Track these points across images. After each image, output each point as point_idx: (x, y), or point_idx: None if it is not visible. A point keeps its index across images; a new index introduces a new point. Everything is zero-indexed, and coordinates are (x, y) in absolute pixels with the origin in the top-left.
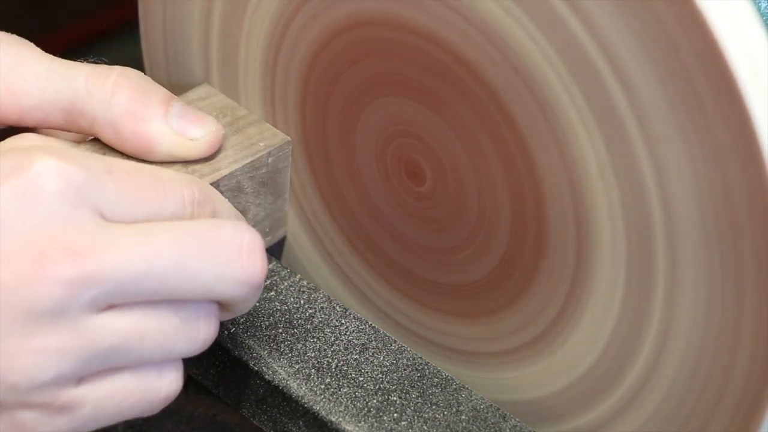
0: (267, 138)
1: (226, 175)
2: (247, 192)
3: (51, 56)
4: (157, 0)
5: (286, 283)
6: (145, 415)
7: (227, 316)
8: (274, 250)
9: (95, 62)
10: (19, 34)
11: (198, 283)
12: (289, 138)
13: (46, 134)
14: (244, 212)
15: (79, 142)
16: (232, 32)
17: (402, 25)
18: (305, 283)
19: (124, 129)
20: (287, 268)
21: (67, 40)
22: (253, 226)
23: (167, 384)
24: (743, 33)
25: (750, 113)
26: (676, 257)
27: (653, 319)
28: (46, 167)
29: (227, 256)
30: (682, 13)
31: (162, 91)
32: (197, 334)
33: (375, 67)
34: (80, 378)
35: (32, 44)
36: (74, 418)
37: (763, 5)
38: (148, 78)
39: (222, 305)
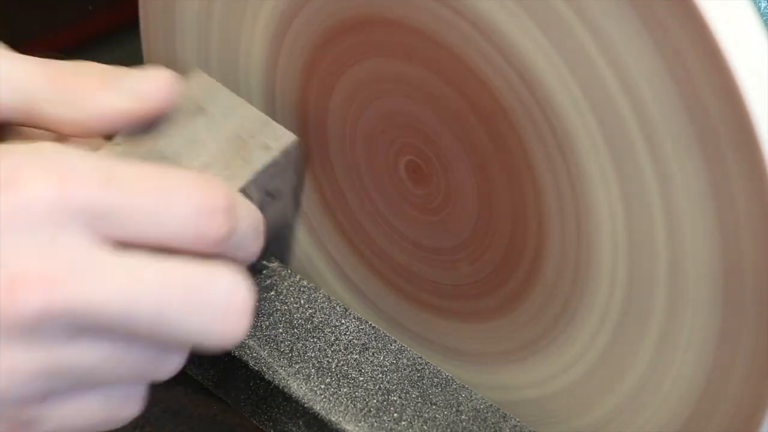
0: (279, 137)
1: (245, 183)
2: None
3: (11, 53)
4: (157, 1)
5: (286, 283)
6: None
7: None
8: (282, 253)
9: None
10: (20, 34)
11: (175, 334)
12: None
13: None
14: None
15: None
16: (232, 33)
17: (403, 25)
18: (305, 283)
19: (79, 114)
20: (287, 268)
21: (67, 40)
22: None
23: (131, 406)
24: (743, 33)
25: (751, 114)
26: (678, 274)
27: (653, 323)
28: (34, 185)
29: (213, 315)
30: (682, 12)
31: (103, 67)
32: (169, 365)
33: (376, 67)
34: (47, 395)
35: None
36: None
37: (763, 5)
38: (96, 64)
39: None
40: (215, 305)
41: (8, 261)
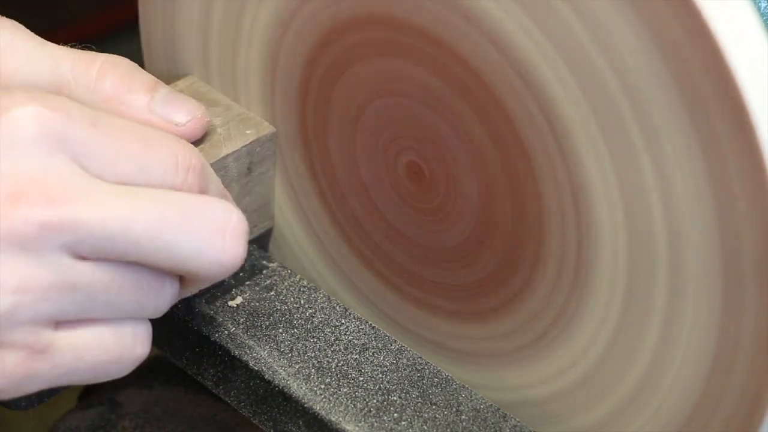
0: (254, 126)
1: (216, 161)
2: (232, 179)
3: (40, 39)
4: (157, 1)
5: (286, 283)
6: (117, 376)
7: (184, 292)
8: (267, 246)
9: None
10: None
11: (173, 255)
12: (275, 129)
13: None
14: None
15: None
16: (231, 33)
17: (403, 25)
18: (305, 283)
19: None
20: (287, 268)
21: (68, 40)
22: None
23: (140, 343)
24: (743, 33)
25: (750, 114)
26: (678, 274)
27: (653, 323)
28: (25, 112)
29: (209, 234)
30: (682, 12)
31: (147, 77)
32: (165, 294)
33: (376, 67)
34: (58, 323)
35: (22, 26)
36: (55, 365)
37: (763, 5)
38: (135, 65)
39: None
40: (211, 224)
41: (6, 179)
